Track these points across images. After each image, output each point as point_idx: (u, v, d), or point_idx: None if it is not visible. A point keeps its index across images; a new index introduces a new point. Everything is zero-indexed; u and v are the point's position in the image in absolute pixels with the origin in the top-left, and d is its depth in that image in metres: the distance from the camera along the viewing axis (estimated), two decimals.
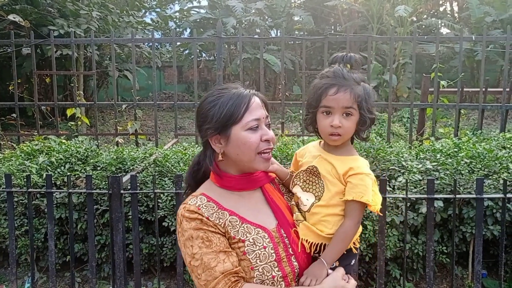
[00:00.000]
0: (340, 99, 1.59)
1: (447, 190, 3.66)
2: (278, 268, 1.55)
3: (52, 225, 3.51)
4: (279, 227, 1.64)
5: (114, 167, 4.12)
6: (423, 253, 3.74)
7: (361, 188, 1.59)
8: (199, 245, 1.51)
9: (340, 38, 6.49)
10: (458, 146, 4.21)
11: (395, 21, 14.66)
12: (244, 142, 1.57)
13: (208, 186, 1.69)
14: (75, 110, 5.80)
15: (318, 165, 1.68)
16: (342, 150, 1.68)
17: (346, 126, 1.60)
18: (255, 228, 1.59)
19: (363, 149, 4.10)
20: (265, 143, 1.60)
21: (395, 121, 11.24)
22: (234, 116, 1.57)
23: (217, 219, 1.56)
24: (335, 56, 1.71)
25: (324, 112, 1.63)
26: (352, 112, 1.60)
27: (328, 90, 1.61)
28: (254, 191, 1.71)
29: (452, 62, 15.64)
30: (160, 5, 16.57)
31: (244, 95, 1.60)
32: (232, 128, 1.57)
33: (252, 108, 1.59)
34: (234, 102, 1.58)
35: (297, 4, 18.90)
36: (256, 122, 1.58)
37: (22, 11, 9.66)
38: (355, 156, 1.69)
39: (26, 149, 4.53)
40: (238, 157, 1.60)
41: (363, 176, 1.61)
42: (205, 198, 1.61)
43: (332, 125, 1.60)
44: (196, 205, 1.57)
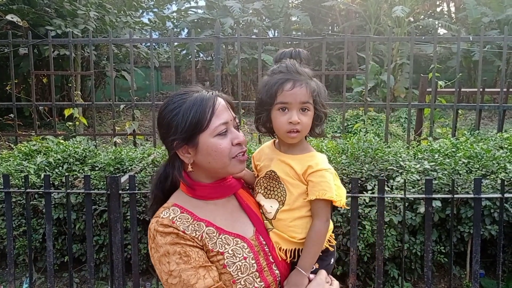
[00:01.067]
0: (297, 94, 1.52)
1: (445, 190, 3.67)
2: (260, 278, 1.49)
3: (50, 226, 3.50)
4: (258, 234, 1.57)
5: (112, 167, 4.12)
6: (421, 253, 3.75)
7: (323, 185, 1.53)
8: (177, 261, 1.40)
9: (338, 39, 6.50)
10: (456, 146, 4.23)
11: (392, 22, 14.67)
12: (215, 149, 1.48)
13: (179, 195, 1.58)
14: (73, 110, 5.78)
15: (275, 168, 1.61)
16: (298, 148, 1.62)
17: (304, 121, 1.54)
18: (233, 239, 1.51)
19: (361, 149, 4.11)
20: (237, 147, 1.52)
21: (392, 121, 11.26)
22: (200, 123, 1.46)
23: (194, 231, 1.46)
24: (282, 51, 1.64)
25: (280, 109, 1.55)
26: (308, 107, 1.54)
27: (284, 85, 1.53)
28: (228, 199, 1.62)
29: (449, 62, 15.71)
30: (157, 5, 16.57)
31: (207, 98, 1.49)
32: (199, 136, 1.47)
33: (218, 111, 1.49)
34: (198, 108, 1.47)
35: (294, 5, 18.95)
36: (225, 126, 1.49)
37: (20, 11, 9.63)
38: (311, 152, 1.62)
39: (23, 150, 4.53)
40: (210, 165, 1.51)
41: (322, 172, 1.55)
42: (178, 209, 1.50)
43: (290, 122, 1.52)
44: (169, 218, 1.46)
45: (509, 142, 4.47)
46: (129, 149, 4.60)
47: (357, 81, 13.23)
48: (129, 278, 4.03)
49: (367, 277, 3.95)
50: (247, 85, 16.63)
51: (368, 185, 3.76)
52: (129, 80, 12.57)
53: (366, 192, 3.70)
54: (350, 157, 4.04)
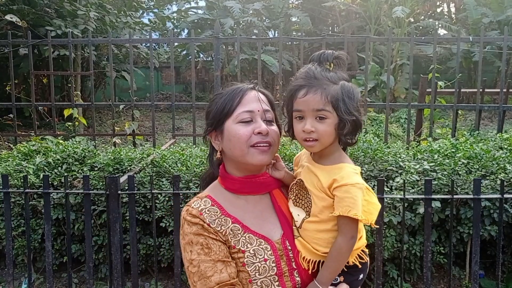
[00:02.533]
0: (310, 101, 1.44)
1: (444, 191, 3.66)
2: (279, 282, 1.46)
3: (49, 226, 3.50)
4: (284, 239, 1.53)
5: (111, 167, 4.11)
6: (420, 254, 3.74)
7: (347, 201, 1.43)
8: (198, 251, 1.44)
9: (338, 39, 6.50)
10: (456, 147, 4.22)
11: (392, 22, 14.68)
12: (234, 134, 1.50)
13: (215, 187, 1.62)
14: (73, 110, 5.78)
15: (304, 178, 1.56)
16: (329, 158, 1.53)
17: (321, 130, 1.45)
18: (257, 239, 1.50)
19: (361, 150, 4.10)
20: (258, 136, 1.50)
21: (392, 121, 11.27)
22: (226, 109, 1.52)
23: (219, 225, 1.48)
24: (312, 55, 1.56)
25: (297, 117, 1.50)
26: (326, 115, 1.44)
27: (298, 93, 1.47)
28: (262, 197, 1.60)
29: (449, 63, 15.72)
30: (157, 5, 16.58)
31: (241, 89, 1.55)
32: (225, 122, 1.52)
33: (246, 100, 1.53)
34: (229, 95, 1.54)
35: (294, 5, 18.95)
36: (249, 114, 1.50)
37: (20, 11, 9.64)
38: (341, 164, 1.51)
39: (23, 150, 4.52)
40: (231, 152, 1.53)
41: (348, 187, 1.44)
42: (210, 201, 1.54)
43: (304, 130, 1.46)
44: (198, 209, 1.50)
45: (509, 142, 4.46)
46: (129, 149, 4.59)
47: (357, 81, 13.22)
48: (128, 278, 4.02)
49: (366, 277, 3.93)
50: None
51: (368, 185, 3.76)
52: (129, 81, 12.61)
53: None
54: (349, 157, 4.03)
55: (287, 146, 4.39)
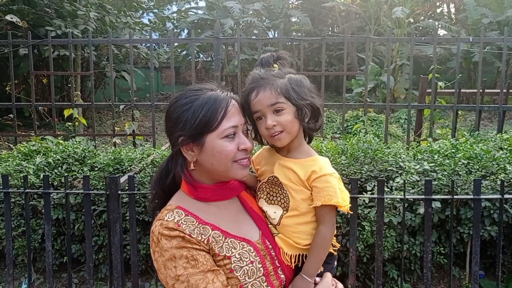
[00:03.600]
0: (262, 99, 1.51)
1: (444, 191, 3.67)
2: (267, 283, 1.46)
3: (49, 226, 3.49)
4: (264, 238, 1.55)
5: (111, 167, 4.11)
6: (420, 254, 3.74)
7: (328, 190, 1.50)
8: (184, 265, 1.36)
9: (338, 39, 6.50)
10: (456, 147, 4.23)
11: (392, 23, 14.68)
12: (220, 151, 1.44)
13: (181, 197, 1.54)
14: (73, 110, 5.78)
15: (277, 174, 1.58)
16: (298, 151, 1.60)
17: (282, 121, 1.50)
18: (239, 242, 1.48)
19: (361, 150, 4.10)
20: (242, 152, 1.48)
21: (392, 122, 11.27)
22: (210, 123, 1.43)
23: (200, 235, 1.42)
24: (256, 62, 1.64)
25: (257, 118, 1.54)
26: (281, 106, 1.50)
27: (250, 96, 1.53)
28: (231, 201, 1.58)
29: (449, 63, 15.73)
30: (157, 6, 16.57)
31: (221, 98, 1.46)
32: (207, 136, 1.44)
33: (230, 114, 1.46)
34: (210, 107, 1.44)
35: (294, 5, 18.96)
36: (233, 129, 1.46)
37: (20, 11, 9.63)
38: (314, 156, 1.59)
39: (23, 150, 4.52)
40: (212, 167, 1.47)
41: (327, 177, 1.52)
42: (183, 212, 1.46)
43: (266, 127, 1.51)
44: (175, 221, 1.41)
45: (509, 143, 4.46)
46: (129, 149, 4.60)
47: (357, 82, 13.23)
48: (128, 278, 4.02)
49: (366, 278, 3.94)
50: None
51: (368, 185, 3.76)
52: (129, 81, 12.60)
53: (365, 193, 3.69)
54: (349, 157, 4.03)
55: None
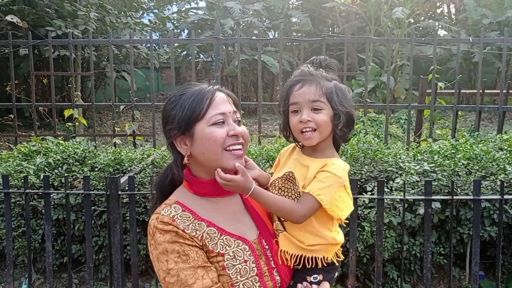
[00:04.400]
0: (305, 93, 1.52)
1: (444, 192, 3.67)
2: (260, 283, 1.45)
3: (49, 226, 3.50)
4: (261, 238, 1.54)
5: (111, 168, 4.12)
6: (420, 254, 3.74)
7: (321, 185, 1.48)
8: (175, 259, 1.38)
9: (338, 40, 6.50)
10: (456, 148, 4.23)
11: (392, 23, 14.67)
12: (208, 137, 1.44)
13: (181, 192, 1.55)
14: (73, 111, 5.78)
15: (294, 169, 1.58)
16: (323, 152, 1.58)
17: (318, 119, 1.51)
18: (235, 240, 1.48)
19: (361, 151, 4.11)
20: (232, 138, 1.47)
21: (392, 122, 11.25)
22: (196, 112, 1.45)
23: (194, 231, 1.43)
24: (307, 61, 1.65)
25: (293, 111, 1.55)
26: (321, 105, 1.51)
27: (294, 87, 1.55)
28: (232, 197, 1.58)
29: (449, 64, 15.70)
30: (158, 6, 16.56)
31: (206, 90, 1.49)
32: (195, 126, 1.46)
33: (216, 102, 1.48)
34: (195, 97, 1.48)
35: (294, 6, 18.94)
36: (222, 116, 1.47)
37: (20, 11, 9.62)
38: (334, 159, 1.57)
39: (23, 150, 4.52)
40: (204, 157, 1.47)
41: (330, 175, 1.49)
42: (180, 207, 1.48)
43: (300, 121, 1.51)
44: (170, 216, 1.43)
45: (509, 143, 4.46)
46: (129, 150, 4.60)
47: (357, 82, 13.23)
48: (128, 279, 4.02)
49: (366, 278, 3.94)
50: (247, 86, 16.62)
51: (368, 186, 3.76)
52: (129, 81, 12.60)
53: (365, 193, 3.70)
54: (349, 158, 4.04)
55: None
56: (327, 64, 1.61)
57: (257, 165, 1.76)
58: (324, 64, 1.61)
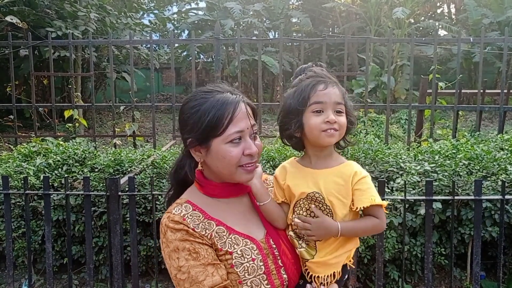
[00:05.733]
0: (331, 94, 1.50)
1: (445, 192, 3.66)
2: (268, 281, 1.47)
3: (49, 227, 3.49)
4: (268, 237, 1.56)
5: (111, 169, 4.10)
6: (421, 255, 3.74)
7: (371, 191, 1.50)
8: (186, 257, 1.42)
9: (338, 40, 6.49)
10: (457, 148, 4.21)
11: (392, 23, 14.68)
12: (224, 155, 1.45)
13: (193, 192, 1.59)
14: (73, 111, 5.77)
15: (318, 188, 1.54)
16: (332, 159, 1.58)
17: (342, 122, 1.51)
18: (243, 239, 1.51)
19: (362, 151, 4.10)
20: (247, 158, 1.47)
21: (393, 122, 11.24)
22: (216, 128, 1.43)
23: (203, 229, 1.47)
24: (301, 66, 1.64)
25: (315, 111, 1.51)
26: (342, 109, 1.53)
27: (317, 86, 1.51)
28: (241, 198, 1.62)
29: (449, 63, 15.70)
30: (158, 7, 16.57)
31: (230, 102, 1.45)
32: (213, 140, 1.45)
33: (237, 119, 1.45)
34: (217, 111, 1.44)
35: (295, 6, 18.96)
36: (239, 134, 1.45)
37: (20, 12, 9.61)
38: (346, 162, 1.57)
39: (23, 151, 4.51)
40: (218, 169, 1.50)
41: (366, 179, 1.51)
42: (191, 206, 1.52)
43: (328, 121, 1.49)
44: (181, 215, 1.48)
45: (510, 143, 4.45)
46: (129, 150, 4.59)
47: (358, 82, 13.23)
48: (129, 280, 4.01)
49: (367, 279, 3.93)
50: (248, 87, 16.65)
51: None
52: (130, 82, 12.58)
53: None
54: (350, 158, 4.02)
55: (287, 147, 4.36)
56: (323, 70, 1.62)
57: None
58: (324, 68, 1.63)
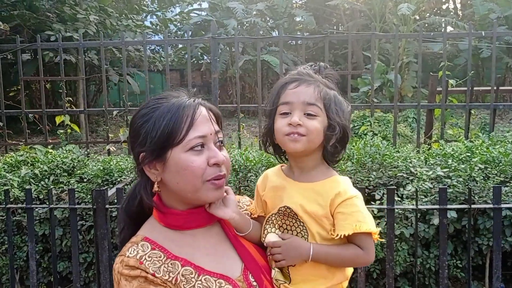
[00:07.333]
0: (301, 93, 1.29)
1: (460, 199, 3.37)
2: None
3: (33, 244, 3.27)
4: (247, 272, 1.29)
5: (100, 179, 3.83)
6: (435, 268, 3.44)
7: (356, 215, 1.27)
8: None
9: (342, 37, 6.25)
10: (471, 150, 3.89)
11: (398, 20, 14.39)
12: (185, 167, 1.20)
13: (151, 226, 1.32)
14: (64, 117, 5.53)
15: (290, 203, 1.31)
16: (317, 171, 1.34)
17: (310, 125, 1.27)
18: (216, 280, 1.23)
19: (368, 155, 3.80)
20: (214, 169, 1.23)
21: (400, 121, 10.91)
22: (173, 135, 1.20)
23: (166, 273, 1.21)
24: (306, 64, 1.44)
25: (282, 113, 1.30)
26: (316, 111, 1.28)
27: (288, 85, 1.31)
28: (211, 228, 1.34)
29: (456, 60, 15.38)
30: (160, 8, 16.47)
31: (187, 105, 1.23)
32: (170, 151, 1.22)
33: (198, 122, 1.22)
34: (173, 115, 1.21)
35: (298, 5, 18.76)
36: (201, 140, 1.22)
37: (21, 16, 9.56)
38: (334, 176, 1.34)
39: (9, 161, 4.26)
40: (178, 186, 1.24)
41: (353, 200, 1.29)
42: (149, 244, 1.25)
43: (290, 123, 1.26)
44: (137, 257, 1.20)
45: None
46: (120, 158, 4.33)
47: (363, 80, 12.97)
48: None
49: None
50: (252, 87, 16.44)
51: (376, 194, 3.47)
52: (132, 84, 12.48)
53: (374, 202, 3.41)
54: (356, 163, 3.74)
55: None
56: (327, 73, 1.38)
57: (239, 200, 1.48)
58: (324, 72, 1.38)
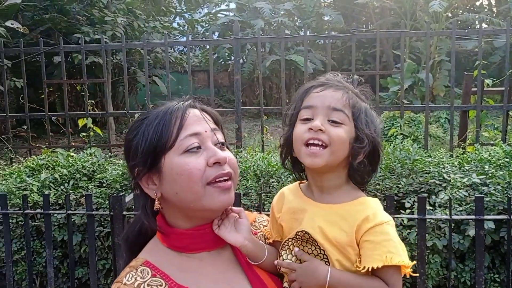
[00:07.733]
0: (326, 96, 1.12)
1: (498, 209, 3.14)
2: None
3: (50, 250, 3.22)
4: None
5: (118, 184, 3.75)
6: (471, 282, 3.22)
7: (388, 245, 1.11)
8: None
9: (370, 35, 6.04)
10: (510, 155, 3.64)
11: (429, 17, 14.00)
12: (181, 171, 1.08)
13: (154, 246, 1.19)
14: (86, 120, 5.50)
15: (308, 227, 1.14)
16: (340, 192, 1.17)
17: (333, 133, 1.10)
18: None
19: (398, 160, 3.60)
20: (215, 168, 1.09)
21: (432, 122, 10.57)
22: (163, 139, 1.08)
23: None
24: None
25: (303, 118, 1.13)
26: (342, 118, 1.11)
27: (312, 88, 1.15)
28: (221, 251, 1.19)
29: (491, 58, 14.87)
30: (188, 9, 16.58)
31: (176, 109, 1.12)
32: (163, 158, 1.09)
33: (189, 122, 1.10)
34: (161, 120, 1.10)
35: (326, 4, 18.56)
36: (195, 139, 1.09)
37: (52, 20, 9.72)
38: (361, 198, 1.16)
39: (30, 164, 4.22)
40: (178, 197, 1.10)
41: (383, 227, 1.12)
42: (150, 270, 1.11)
43: (311, 128, 1.10)
44: (134, 286, 1.06)
45: None
46: None
47: (393, 80, 12.66)
48: None
49: None
50: (279, 87, 16.27)
51: (407, 202, 3.27)
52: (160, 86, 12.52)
53: (403, 210, 3.21)
54: (384, 169, 3.54)
55: None
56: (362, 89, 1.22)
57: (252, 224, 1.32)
58: (357, 86, 1.21)
